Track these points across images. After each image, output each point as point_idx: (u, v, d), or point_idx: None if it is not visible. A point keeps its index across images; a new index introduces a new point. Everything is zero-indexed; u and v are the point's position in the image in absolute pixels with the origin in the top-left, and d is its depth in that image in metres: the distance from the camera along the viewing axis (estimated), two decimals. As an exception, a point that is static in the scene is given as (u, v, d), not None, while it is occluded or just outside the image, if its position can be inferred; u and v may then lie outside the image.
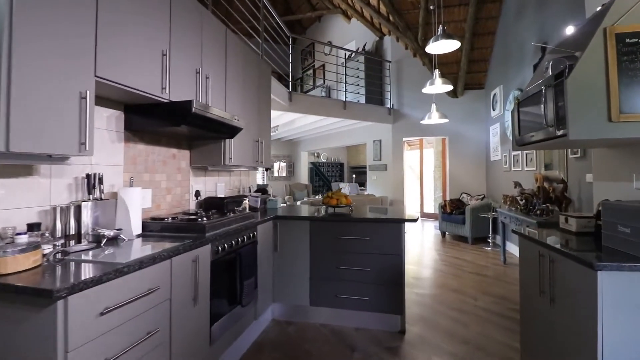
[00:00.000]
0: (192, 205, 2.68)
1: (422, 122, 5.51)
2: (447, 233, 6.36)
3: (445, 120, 5.36)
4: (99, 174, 1.74)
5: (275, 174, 11.09)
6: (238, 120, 2.42)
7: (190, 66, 2.15)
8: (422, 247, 5.49)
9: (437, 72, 4.51)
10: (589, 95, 1.46)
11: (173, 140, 2.47)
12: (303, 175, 11.05)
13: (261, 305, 2.59)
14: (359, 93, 7.20)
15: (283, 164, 11.26)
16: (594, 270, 1.27)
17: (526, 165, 4.67)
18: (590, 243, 1.62)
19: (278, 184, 10.86)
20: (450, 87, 4.58)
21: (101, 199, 1.73)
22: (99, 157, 1.82)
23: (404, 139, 7.01)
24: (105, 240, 1.58)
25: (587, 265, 1.30)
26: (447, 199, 6.73)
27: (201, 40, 2.26)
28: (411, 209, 10.77)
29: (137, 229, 1.79)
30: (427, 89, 4.62)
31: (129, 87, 1.63)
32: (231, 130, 2.42)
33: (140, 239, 1.75)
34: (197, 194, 2.70)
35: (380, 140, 7.28)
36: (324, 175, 11.72)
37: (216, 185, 3.03)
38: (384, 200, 6.67)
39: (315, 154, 11.68)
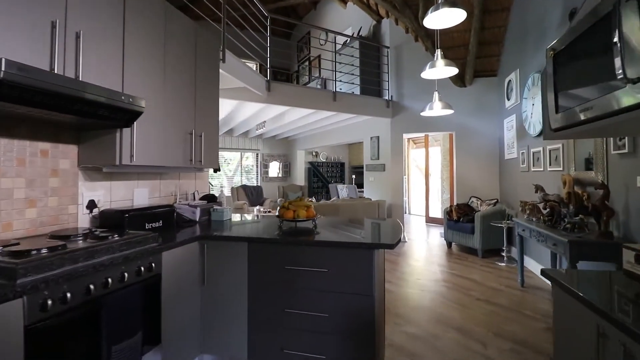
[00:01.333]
0: (83, 222, 1.93)
1: (422, 113, 4.68)
2: (453, 243, 5.50)
3: (450, 112, 4.52)
4: None
5: (272, 175, 10.35)
6: (132, 100, 1.65)
7: (38, 16, 1.40)
8: (423, 261, 4.66)
9: (439, 52, 3.68)
10: None
11: (43, 129, 1.72)
12: (299, 176, 10.28)
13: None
14: (353, 83, 6.39)
15: (277, 164, 10.51)
16: None
17: (549, 164, 3.79)
18: None
19: (271, 186, 10.12)
20: (455, 71, 3.73)
21: None
22: None
23: (405, 135, 6.17)
24: None
25: None
26: (454, 203, 5.87)
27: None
28: (416, 213, 9.87)
29: None
30: (428, 73, 3.79)
31: None
32: (123, 115, 1.66)
33: None
34: (92, 205, 1.95)
35: (377, 137, 6.46)
36: (323, 176, 10.93)
37: (133, 193, 2.27)
38: (381, 205, 5.84)
39: (313, 153, 10.90)
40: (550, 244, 2.75)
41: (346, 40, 6.91)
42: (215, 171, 2.95)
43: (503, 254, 4.66)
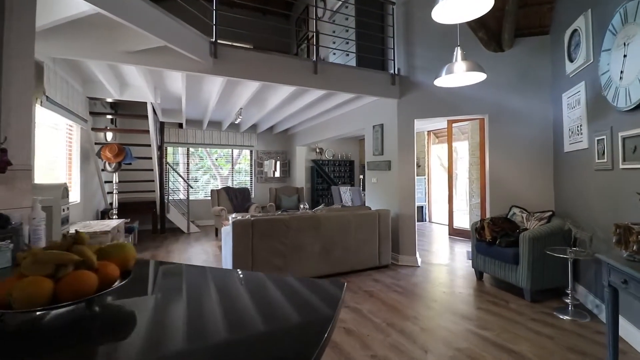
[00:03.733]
0: None
1: (436, 81, 3.09)
2: (485, 274, 3.84)
3: (479, 77, 2.92)
4: None
5: (269, 175, 8.99)
6: None
7: None
8: (438, 305, 3.06)
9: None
10: None
11: None
12: (299, 176, 8.84)
13: None
14: (349, 53, 4.86)
15: (275, 162, 9.11)
16: None
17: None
18: None
19: (266, 188, 8.74)
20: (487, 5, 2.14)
21: None
22: None
23: (417, 121, 4.56)
24: None
25: None
26: (486, 216, 4.20)
27: None
28: (439, 221, 8.09)
29: None
30: (440, 10, 2.23)
31: None
32: None
33: None
34: None
35: (381, 126, 4.88)
36: (329, 177, 9.42)
37: None
38: (383, 217, 4.28)
39: (317, 150, 9.42)
40: None
41: (343, 2, 5.37)
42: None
43: (567, 299, 2.98)
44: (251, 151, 8.92)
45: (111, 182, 6.73)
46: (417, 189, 8.43)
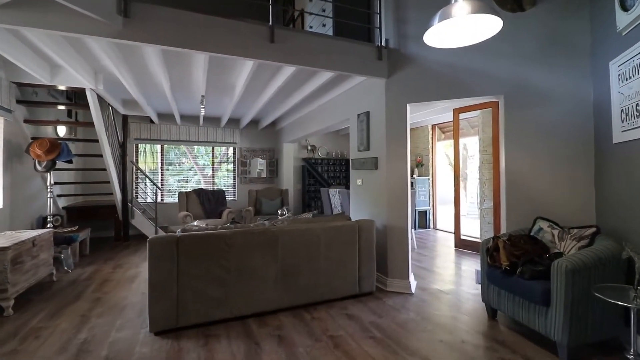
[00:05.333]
0: None
1: (426, 38, 2.08)
2: (499, 312, 2.81)
3: (493, 28, 1.91)
4: None
5: (253, 175, 8.07)
6: None
7: None
8: (429, 369, 2.08)
9: None
10: None
11: None
12: (287, 177, 7.89)
13: None
14: (324, 25, 3.90)
15: (261, 161, 8.18)
16: None
17: None
18: None
19: (246, 189, 7.82)
20: None
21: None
22: None
23: (411, 106, 3.55)
24: None
25: None
26: (502, 226, 3.17)
27: None
28: (445, 228, 6.93)
29: None
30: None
31: None
32: None
33: None
34: None
35: (366, 114, 3.89)
36: (322, 177, 8.45)
37: None
38: (365, 231, 3.29)
39: (309, 147, 8.46)
40: None
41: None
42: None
43: (629, 356, 1.95)
44: (234, 149, 8.01)
45: (68, 183, 5.94)
46: (420, 191, 7.42)
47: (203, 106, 4.72)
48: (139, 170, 6.65)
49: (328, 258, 3.11)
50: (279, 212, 5.14)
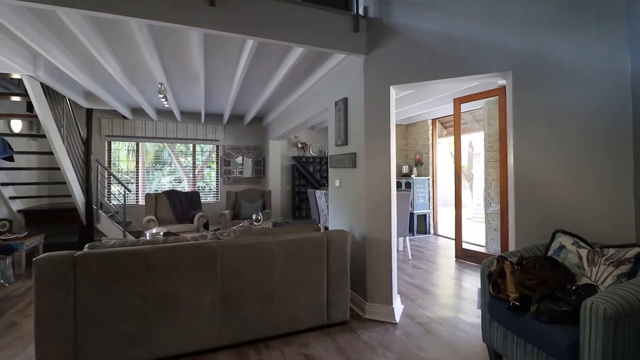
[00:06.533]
0: None
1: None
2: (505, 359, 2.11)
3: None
4: None
5: (237, 174, 7.45)
6: None
7: None
8: None
9: None
10: None
11: None
12: (274, 177, 7.24)
13: None
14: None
15: (246, 160, 7.55)
16: None
17: None
18: None
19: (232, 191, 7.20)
20: None
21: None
22: None
23: (394, 89, 2.87)
24: None
25: None
26: (512, 244, 2.46)
27: None
28: (446, 234, 6.07)
29: None
30: None
31: None
32: None
33: None
34: None
35: (344, 101, 3.22)
36: (313, 177, 7.79)
37: None
38: (335, 243, 2.61)
39: (299, 145, 7.80)
40: None
41: None
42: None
43: None
44: (217, 146, 7.40)
45: (24, 184, 5.39)
46: (418, 193, 6.67)
47: (162, 96, 4.09)
48: (107, 170, 6.06)
49: (285, 280, 2.45)
50: (254, 216, 4.49)
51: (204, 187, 7.47)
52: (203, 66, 3.59)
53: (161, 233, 4.28)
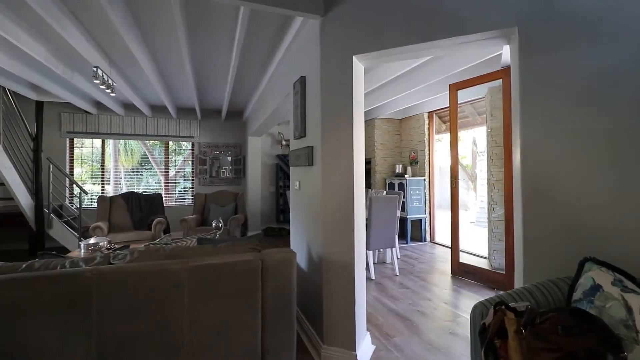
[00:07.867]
0: None
1: None
2: None
3: None
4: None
5: (213, 174, 6.79)
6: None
7: None
8: None
9: None
10: None
11: None
12: (254, 177, 6.57)
13: None
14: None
15: (220, 157, 6.89)
16: None
17: None
18: None
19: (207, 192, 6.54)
20: None
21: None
22: None
23: (358, 59, 2.17)
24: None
25: None
26: (519, 272, 1.74)
27: None
28: (444, 242, 5.25)
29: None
30: None
31: None
32: None
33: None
34: None
35: (302, 81, 2.53)
36: (300, 177, 7.08)
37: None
38: (274, 270, 1.91)
39: (284, 142, 7.11)
40: None
41: None
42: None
43: None
44: (192, 144, 6.74)
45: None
46: (412, 195, 5.90)
47: (98, 82, 3.44)
48: (60, 169, 5.43)
49: (198, 321, 1.76)
50: (213, 224, 3.82)
51: (184, 188, 6.83)
52: (137, 43, 2.92)
53: (102, 244, 3.61)
